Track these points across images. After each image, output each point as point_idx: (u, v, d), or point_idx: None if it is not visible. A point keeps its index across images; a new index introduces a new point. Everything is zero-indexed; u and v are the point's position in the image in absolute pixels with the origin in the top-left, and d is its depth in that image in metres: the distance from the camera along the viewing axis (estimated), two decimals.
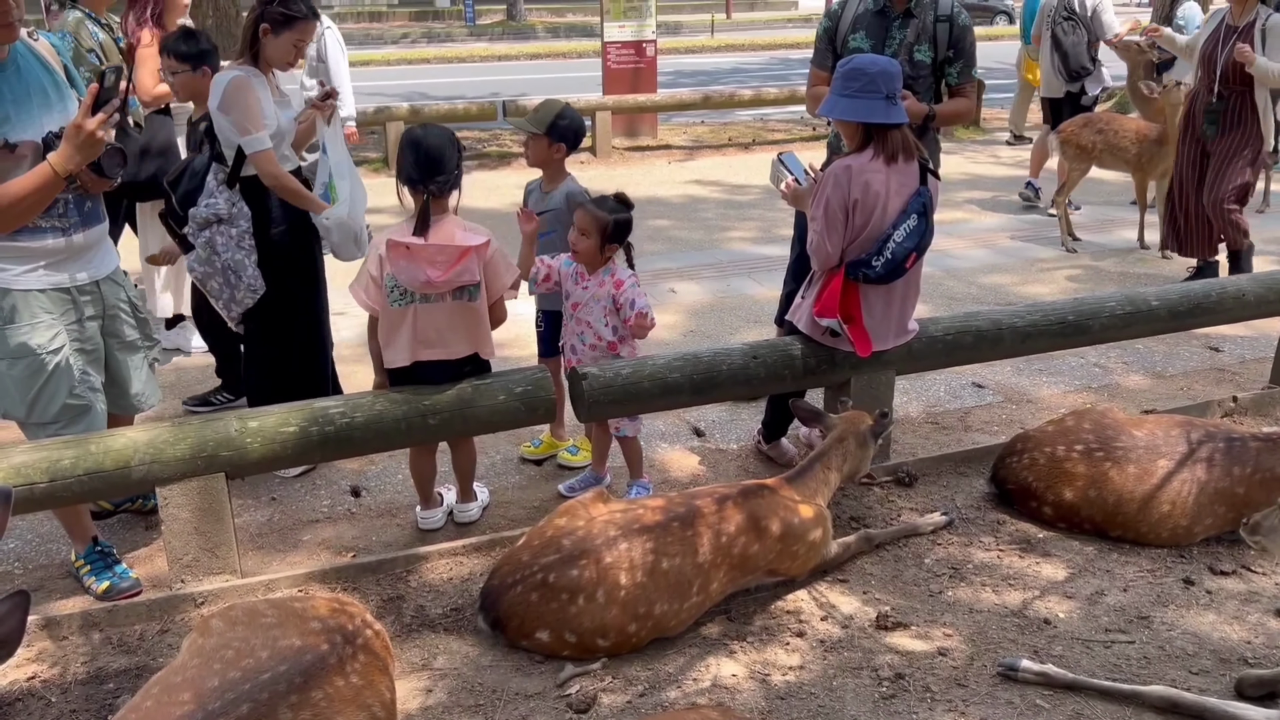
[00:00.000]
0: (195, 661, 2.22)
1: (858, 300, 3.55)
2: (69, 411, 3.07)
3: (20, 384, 3.00)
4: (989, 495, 3.74)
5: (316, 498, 3.95)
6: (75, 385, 3.06)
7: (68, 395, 3.05)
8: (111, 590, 3.23)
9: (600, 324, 3.66)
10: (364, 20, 29.16)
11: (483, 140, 11.38)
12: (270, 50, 3.71)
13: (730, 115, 12.87)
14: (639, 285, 3.65)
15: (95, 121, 2.75)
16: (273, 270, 3.81)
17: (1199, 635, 2.93)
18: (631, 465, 3.89)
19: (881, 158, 3.38)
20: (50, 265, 2.98)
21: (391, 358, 3.31)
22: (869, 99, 3.32)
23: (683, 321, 5.76)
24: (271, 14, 3.65)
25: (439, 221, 3.23)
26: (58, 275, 3.00)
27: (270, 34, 3.67)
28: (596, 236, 3.57)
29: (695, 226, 7.89)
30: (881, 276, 3.46)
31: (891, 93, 3.32)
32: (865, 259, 3.45)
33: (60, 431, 3.06)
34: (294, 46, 3.72)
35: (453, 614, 3.09)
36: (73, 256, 3.03)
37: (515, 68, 20.09)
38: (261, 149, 3.62)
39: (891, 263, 3.42)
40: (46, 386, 3.01)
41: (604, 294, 3.63)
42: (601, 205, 3.62)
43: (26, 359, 2.97)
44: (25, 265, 2.94)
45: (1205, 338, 5.43)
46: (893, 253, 3.40)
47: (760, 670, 2.81)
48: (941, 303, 5.99)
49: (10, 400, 3.04)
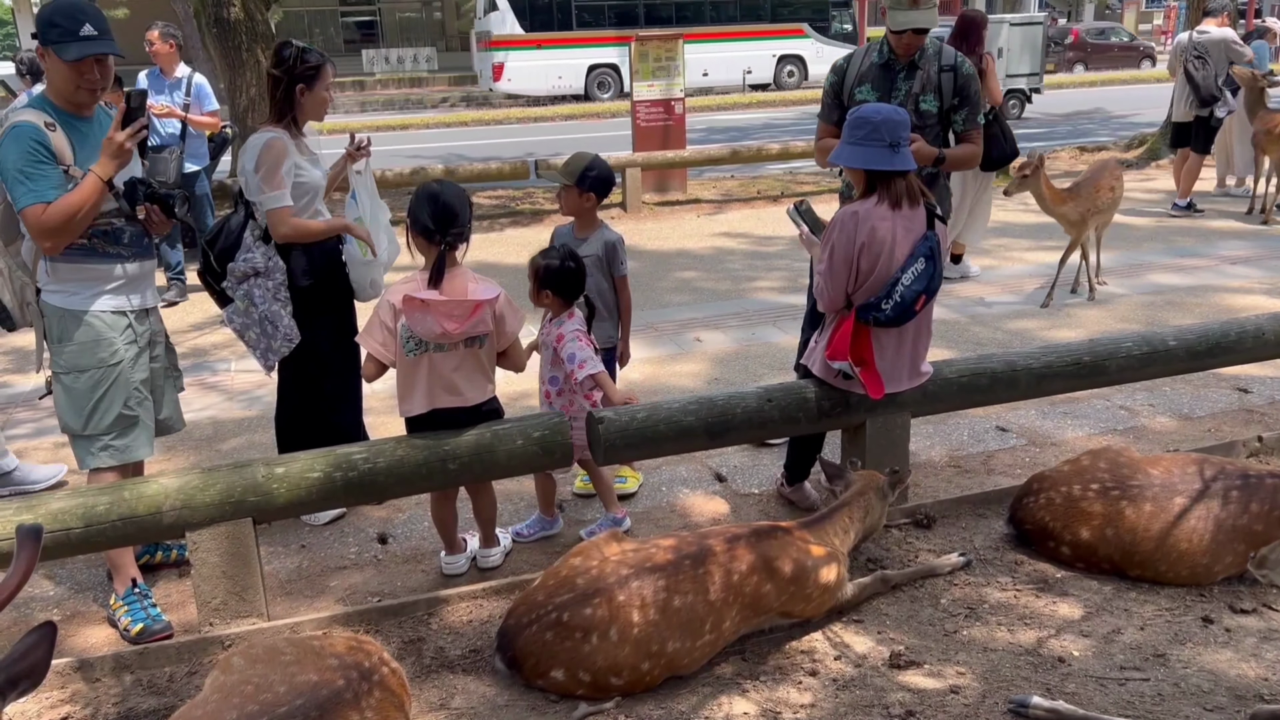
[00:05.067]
0: (215, 697, 2.30)
1: (869, 343, 3.61)
2: (122, 422, 3.39)
3: (82, 396, 3.34)
4: (1007, 536, 3.74)
5: (345, 545, 4.04)
6: (130, 397, 3.39)
7: (122, 406, 3.38)
8: (145, 632, 3.34)
9: (547, 368, 3.85)
10: (405, 86, 29.92)
11: (516, 198, 11.63)
12: (309, 106, 3.90)
13: (760, 169, 13.05)
14: (580, 340, 3.69)
15: (125, 135, 3.16)
16: (304, 321, 3.94)
17: (1215, 672, 2.91)
18: (603, 496, 4.01)
19: (887, 203, 3.46)
20: (112, 290, 3.36)
21: (409, 407, 3.41)
22: (873, 146, 3.41)
23: (707, 370, 5.83)
24: (302, 73, 3.84)
25: (452, 273, 3.35)
26: (118, 299, 3.38)
27: (307, 92, 3.87)
28: (532, 281, 3.76)
29: (722, 277, 7.99)
30: (892, 319, 3.52)
31: (896, 140, 3.41)
32: (875, 302, 3.51)
33: (112, 444, 3.38)
34: (326, 94, 3.95)
35: (471, 655, 3.15)
36: (130, 283, 3.41)
37: (550, 128, 20.49)
38: (275, 206, 3.77)
39: (901, 305, 3.48)
40: (105, 398, 3.35)
41: (550, 341, 3.77)
42: (544, 254, 3.78)
43: (90, 372, 3.33)
44: (92, 289, 3.33)
45: (1234, 379, 5.39)
46: (902, 295, 3.46)
47: (772, 709, 2.83)
48: (967, 348, 6.01)
49: (69, 413, 3.37)
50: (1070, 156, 13.14)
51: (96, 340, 3.32)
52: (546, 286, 3.74)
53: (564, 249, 3.82)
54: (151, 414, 3.53)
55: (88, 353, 3.32)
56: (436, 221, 3.31)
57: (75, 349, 3.32)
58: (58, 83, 3.22)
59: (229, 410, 5.47)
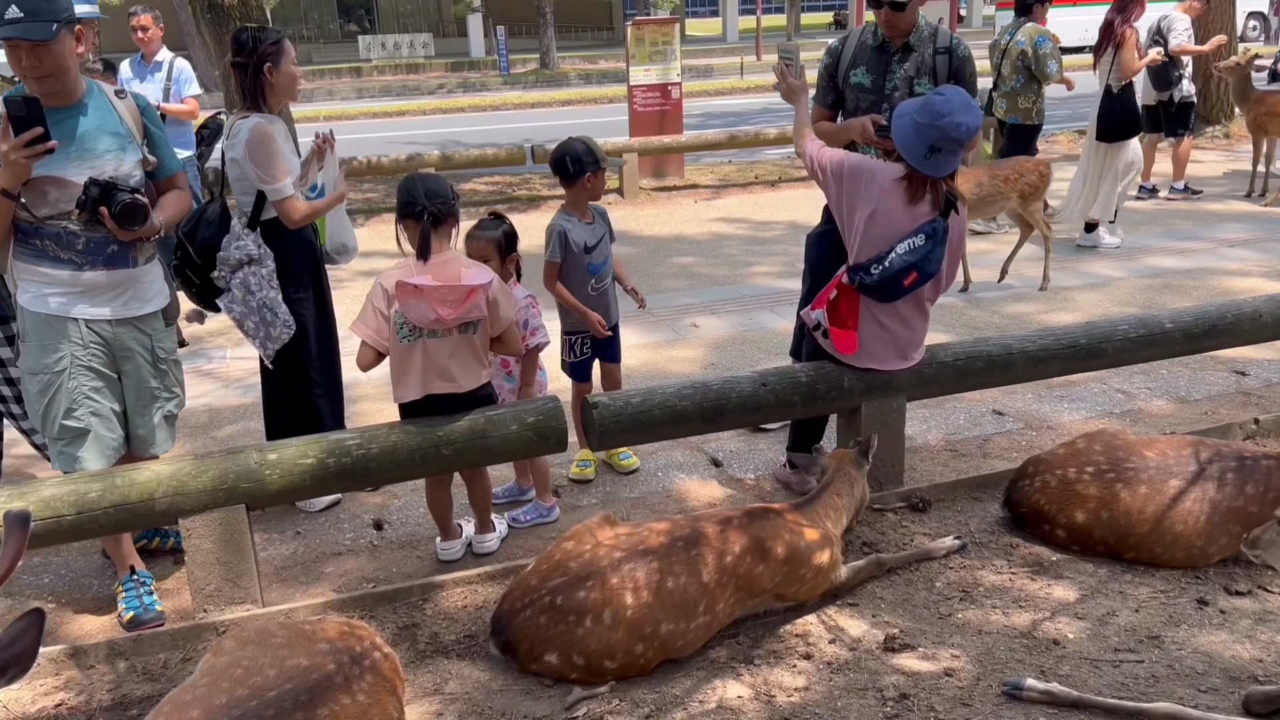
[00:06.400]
0: (205, 680, 2.30)
1: (856, 309, 3.62)
2: (67, 432, 3.26)
3: (34, 398, 3.26)
4: (1002, 519, 3.74)
5: (340, 531, 4.04)
6: (73, 408, 3.23)
7: (64, 416, 3.24)
8: (135, 621, 3.34)
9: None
10: (401, 72, 29.79)
11: (513, 184, 11.59)
12: (281, 85, 3.85)
13: (757, 154, 13.00)
14: (533, 307, 3.88)
15: (9, 145, 2.88)
16: (298, 314, 3.93)
17: (1209, 654, 2.91)
18: (538, 482, 4.06)
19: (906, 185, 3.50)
20: (62, 295, 3.17)
21: (403, 393, 3.40)
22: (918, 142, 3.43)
23: (704, 355, 5.82)
24: (266, 52, 3.78)
25: (444, 258, 3.34)
26: (66, 305, 3.18)
27: (274, 71, 3.81)
28: (496, 256, 3.77)
29: (719, 263, 7.97)
30: (877, 285, 3.51)
31: (935, 145, 3.39)
32: (865, 265, 3.53)
33: (63, 450, 3.27)
34: (293, 69, 3.89)
35: (466, 640, 3.15)
36: (88, 291, 3.19)
37: (548, 114, 20.41)
38: (285, 196, 3.76)
39: (888, 272, 3.47)
40: (51, 405, 3.24)
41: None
42: (486, 228, 3.81)
43: (38, 375, 3.23)
44: (39, 290, 3.18)
45: (1230, 361, 5.38)
46: (890, 263, 3.47)
47: (766, 692, 2.83)
48: (964, 331, 6.01)
49: (32, 413, 3.32)
50: (1068, 140, 13.09)
51: (44, 344, 3.19)
52: (512, 250, 3.84)
53: (490, 214, 3.91)
54: (110, 428, 3.30)
55: (37, 355, 3.20)
56: (420, 193, 3.33)
57: (30, 349, 3.22)
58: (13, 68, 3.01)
59: (224, 397, 5.46)
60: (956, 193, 3.58)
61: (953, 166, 3.49)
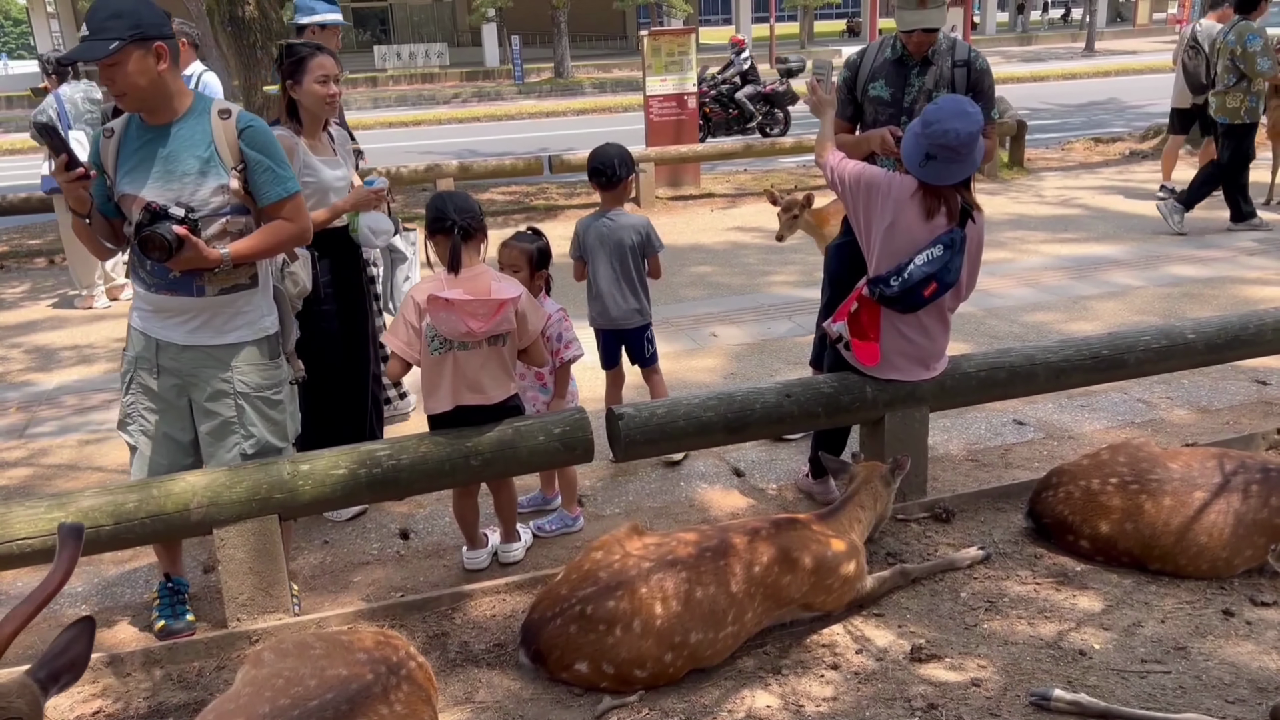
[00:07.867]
0: (248, 690, 2.34)
1: (877, 320, 3.66)
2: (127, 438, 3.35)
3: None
4: (1027, 530, 3.76)
5: (367, 541, 4.08)
6: (127, 421, 3.32)
7: (120, 426, 3.35)
8: (165, 630, 3.39)
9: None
10: (416, 81, 30.00)
11: (530, 194, 11.65)
12: (305, 100, 3.85)
13: (773, 163, 13.03)
14: (567, 322, 3.90)
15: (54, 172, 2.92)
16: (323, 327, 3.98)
17: (1236, 665, 2.92)
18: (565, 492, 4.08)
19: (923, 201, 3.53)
20: (141, 310, 3.25)
21: (434, 405, 3.45)
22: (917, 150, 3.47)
23: (723, 364, 5.85)
24: (286, 70, 3.80)
25: (473, 271, 3.38)
26: (144, 319, 3.25)
27: (296, 87, 3.82)
28: (526, 268, 3.82)
29: (736, 272, 8.00)
30: (898, 296, 3.55)
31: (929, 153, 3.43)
32: (884, 277, 3.57)
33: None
34: (319, 85, 3.80)
35: (495, 649, 3.18)
36: (156, 311, 3.20)
37: (563, 123, 20.50)
38: None
39: (908, 284, 3.51)
40: (121, 405, 3.35)
41: None
42: (522, 239, 3.87)
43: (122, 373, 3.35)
44: (136, 301, 3.28)
45: (1252, 371, 5.38)
46: (910, 274, 3.50)
47: (794, 702, 2.85)
48: (984, 341, 6.02)
49: None
50: (1084, 148, 13.09)
51: (125, 351, 3.33)
52: (542, 266, 3.88)
53: (528, 229, 3.98)
54: (161, 452, 3.28)
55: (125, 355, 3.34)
56: (449, 208, 3.39)
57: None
58: None
59: None
60: (971, 202, 3.61)
61: (956, 175, 3.49)
